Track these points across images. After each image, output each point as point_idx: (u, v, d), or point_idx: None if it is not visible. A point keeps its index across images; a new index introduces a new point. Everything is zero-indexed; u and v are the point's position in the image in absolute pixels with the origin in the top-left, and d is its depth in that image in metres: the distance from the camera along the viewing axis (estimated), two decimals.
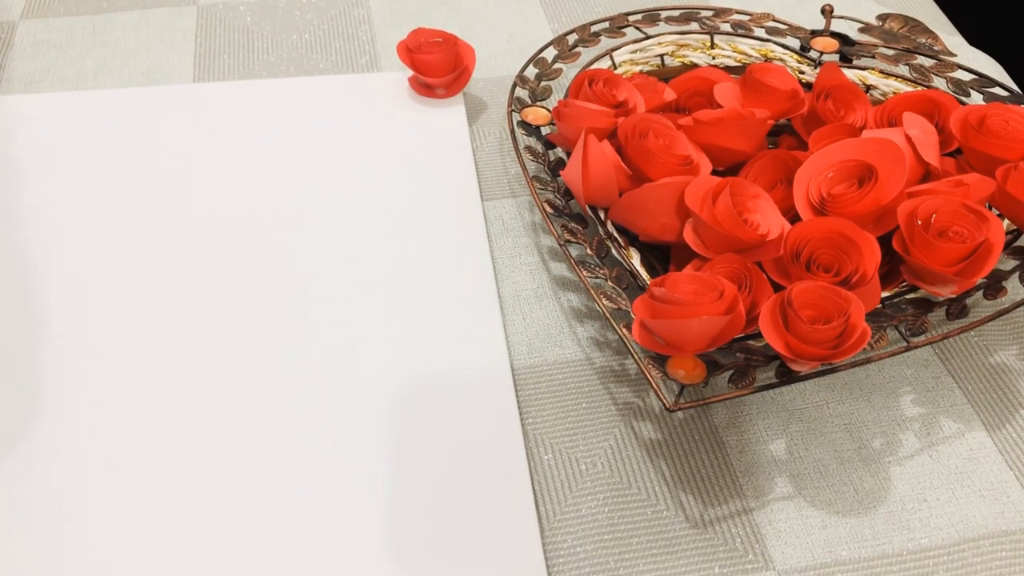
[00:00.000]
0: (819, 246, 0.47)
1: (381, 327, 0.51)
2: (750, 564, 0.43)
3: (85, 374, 0.48)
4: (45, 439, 0.46)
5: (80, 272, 0.53)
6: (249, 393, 0.48)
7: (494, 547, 0.43)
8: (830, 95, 0.57)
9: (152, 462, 0.45)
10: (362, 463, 0.45)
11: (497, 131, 0.65)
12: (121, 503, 0.43)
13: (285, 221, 0.57)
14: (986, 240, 0.45)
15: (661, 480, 0.46)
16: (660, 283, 0.44)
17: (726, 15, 0.67)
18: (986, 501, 0.46)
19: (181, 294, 0.52)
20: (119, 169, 0.59)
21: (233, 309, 0.52)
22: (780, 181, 0.52)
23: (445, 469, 0.45)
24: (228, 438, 0.46)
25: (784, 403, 0.50)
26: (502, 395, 0.48)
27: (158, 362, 0.49)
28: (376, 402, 0.48)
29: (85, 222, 0.56)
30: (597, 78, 0.57)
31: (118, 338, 0.50)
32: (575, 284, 0.55)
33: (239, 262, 0.54)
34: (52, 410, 0.47)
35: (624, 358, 0.51)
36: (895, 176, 0.48)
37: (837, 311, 0.43)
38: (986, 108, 0.53)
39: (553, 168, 0.56)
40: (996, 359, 0.52)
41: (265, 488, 0.44)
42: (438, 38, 0.64)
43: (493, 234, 0.58)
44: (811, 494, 0.46)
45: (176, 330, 0.51)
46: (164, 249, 0.55)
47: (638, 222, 0.51)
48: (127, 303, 0.52)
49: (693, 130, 0.54)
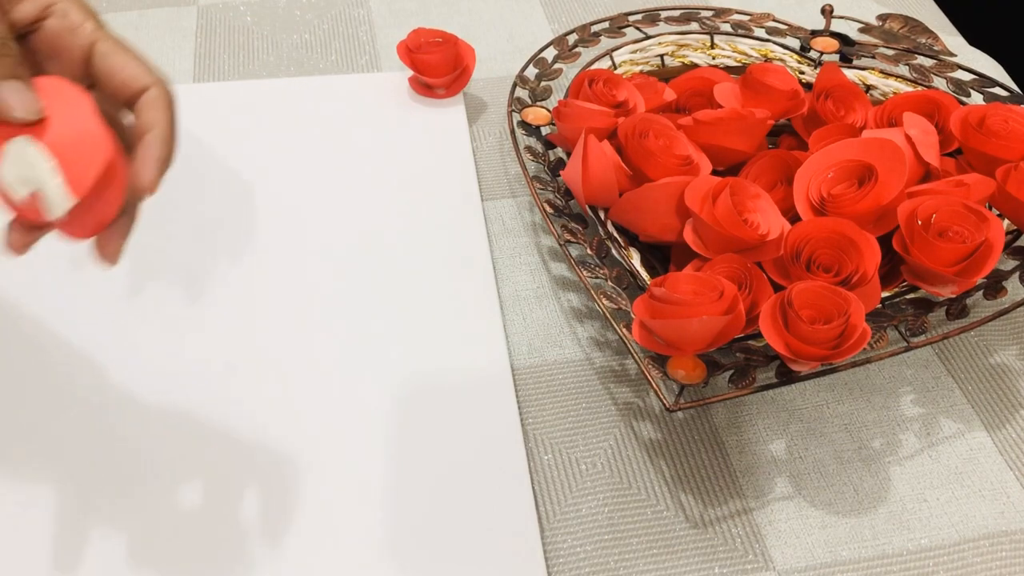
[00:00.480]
0: (819, 246, 0.47)
1: (381, 327, 0.51)
2: (750, 564, 0.43)
3: (86, 374, 0.48)
4: (44, 448, 0.46)
5: (79, 271, 0.53)
6: (249, 393, 0.48)
7: (494, 547, 0.43)
8: (830, 95, 0.57)
9: (152, 462, 0.45)
10: (362, 463, 0.45)
11: (497, 131, 0.65)
12: (122, 503, 0.43)
13: (285, 221, 0.57)
14: (986, 240, 0.45)
15: (661, 480, 0.46)
16: (660, 283, 0.44)
17: (726, 15, 0.67)
18: (986, 501, 0.46)
19: (180, 294, 0.52)
20: None
21: (232, 309, 0.52)
22: (780, 181, 0.52)
23: (445, 469, 0.45)
24: (228, 438, 0.46)
25: (784, 403, 0.50)
26: (502, 395, 0.48)
27: (158, 362, 0.49)
28: (376, 402, 0.48)
29: None
30: (597, 78, 0.57)
31: (117, 336, 0.50)
32: (575, 284, 0.55)
33: (238, 261, 0.54)
34: (51, 418, 0.47)
35: (624, 358, 0.51)
36: (895, 176, 0.48)
37: (837, 311, 0.43)
38: (986, 108, 0.53)
39: (553, 168, 0.56)
40: (996, 359, 0.52)
41: (265, 488, 0.44)
42: (438, 38, 0.64)
43: (493, 234, 0.58)
44: (811, 494, 0.46)
45: (175, 330, 0.51)
46: (163, 249, 0.55)
47: (638, 222, 0.51)
48: (127, 303, 0.52)
49: (693, 130, 0.54)
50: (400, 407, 0.48)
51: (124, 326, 0.51)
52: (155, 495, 0.44)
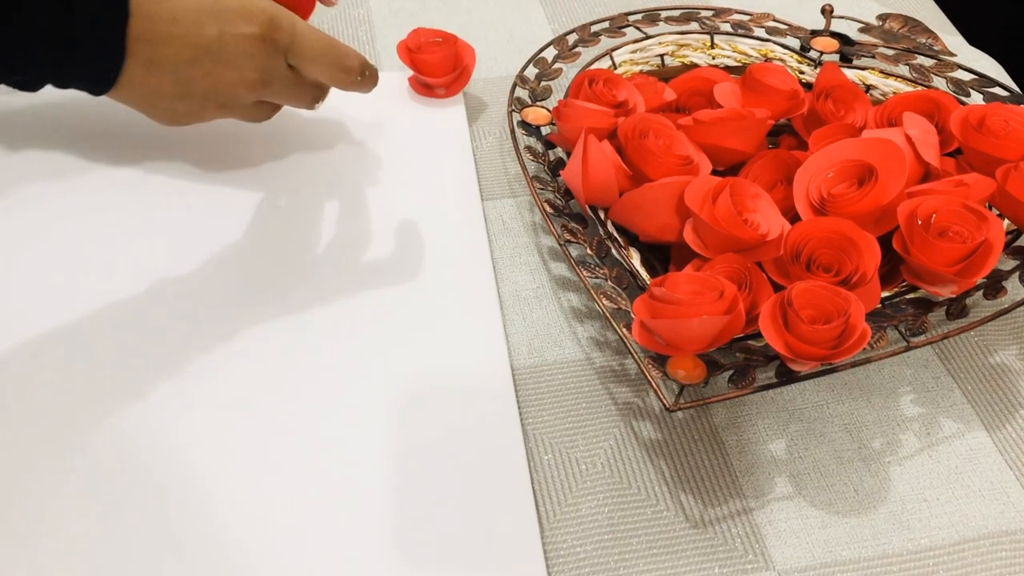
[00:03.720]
0: (819, 246, 0.47)
1: (381, 327, 0.51)
2: (750, 564, 0.43)
3: (83, 375, 0.48)
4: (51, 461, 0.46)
5: (79, 271, 0.53)
6: (249, 393, 0.48)
7: (494, 547, 0.42)
8: (830, 95, 0.57)
9: (152, 463, 0.45)
10: (362, 463, 0.45)
11: (497, 131, 0.65)
12: (123, 504, 0.43)
13: (284, 220, 0.57)
14: (986, 240, 0.45)
15: (661, 480, 0.46)
16: (660, 283, 0.44)
17: (726, 15, 0.67)
18: (986, 501, 0.46)
19: (179, 294, 0.52)
20: (115, 165, 0.59)
21: (231, 309, 0.52)
22: (780, 181, 0.52)
23: (445, 469, 0.45)
24: (228, 439, 0.46)
25: (784, 403, 0.50)
26: (502, 395, 0.48)
27: (157, 362, 0.49)
28: (376, 402, 0.48)
29: (84, 219, 0.56)
30: (597, 78, 0.57)
31: (116, 340, 0.50)
32: (575, 284, 0.55)
33: (238, 261, 0.54)
34: (59, 423, 0.47)
35: (624, 358, 0.51)
36: (895, 176, 0.48)
37: (837, 311, 0.43)
38: (986, 108, 0.53)
39: (553, 168, 0.56)
40: (996, 359, 0.52)
41: (265, 489, 0.44)
42: (438, 38, 0.64)
43: (493, 234, 0.58)
44: (811, 494, 0.46)
45: (175, 331, 0.51)
46: (162, 249, 0.55)
47: (638, 222, 0.51)
48: (126, 306, 0.52)
49: (693, 130, 0.54)
50: (400, 407, 0.48)
51: (122, 327, 0.51)
52: (155, 495, 0.44)
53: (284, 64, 0.50)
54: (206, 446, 0.46)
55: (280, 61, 0.50)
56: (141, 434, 0.46)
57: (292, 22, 0.50)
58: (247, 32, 0.48)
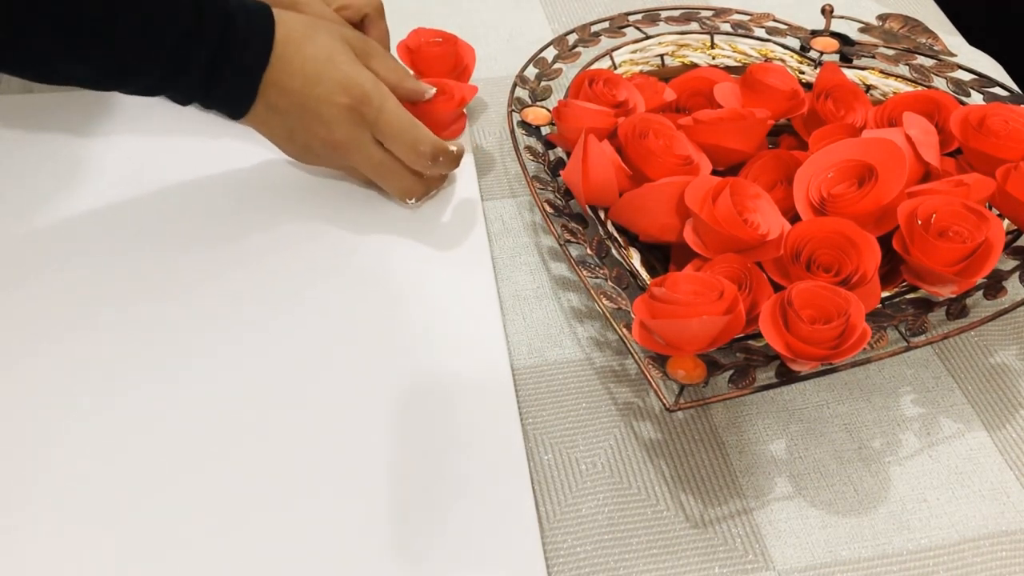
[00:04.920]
0: (819, 246, 0.47)
1: (381, 327, 0.51)
2: (750, 564, 0.43)
3: (83, 375, 0.48)
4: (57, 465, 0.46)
5: (82, 285, 0.53)
6: (248, 393, 0.48)
7: (494, 547, 0.43)
8: (830, 95, 0.57)
9: (153, 463, 0.45)
10: (362, 463, 0.45)
11: (497, 131, 0.65)
12: (124, 504, 0.43)
13: (284, 221, 0.57)
14: (986, 240, 0.45)
15: (661, 480, 0.46)
16: (660, 283, 0.44)
17: (726, 15, 0.67)
18: (986, 501, 0.46)
19: (179, 295, 0.52)
20: (115, 165, 0.59)
21: (231, 310, 0.52)
22: (780, 181, 0.52)
23: (445, 469, 0.45)
24: (228, 438, 0.46)
25: (784, 403, 0.50)
26: (502, 395, 0.48)
27: (158, 362, 0.49)
28: (376, 402, 0.48)
29: (83, 219, 0.56)
30: (597, 78, 0.57)
31: (116, 340, 0.50)
32: (575, 284, 0.55)
33: (237, 261, 0.54)
34: (63, 425, 0.47)
35: (624, 358, 0.51)
36: (895, 176, 0.48)
37: (837, 311, 0.43)
38: (986, 108, 0.53)
39: (553, 168, 0.56)
40: (996, 359, 0.52)
41: (266, 488, 0.44)
42: (438, 38, 0.64)
43: (493, 234, 0.58)
44: (811, 494, 0.46)
45: (176, 332, 0.51)
46: (162, 248, 0.55)
47: (638, 222, 0.51)
48: (126, 306, 0.52)
49: (693, 130, 0.54)
50: (400, 407, 0.48)
51: (127, 337, 0.51)
52: (155, 496, 0.44)
53: (370, 137, 0.55)
54: (206, 446, 0.46)
55: (366, 133, 0.55)
56: (141, 434, 0.46)
57: (383, 100, 0.54)
58: (340, 101, 0.53)
